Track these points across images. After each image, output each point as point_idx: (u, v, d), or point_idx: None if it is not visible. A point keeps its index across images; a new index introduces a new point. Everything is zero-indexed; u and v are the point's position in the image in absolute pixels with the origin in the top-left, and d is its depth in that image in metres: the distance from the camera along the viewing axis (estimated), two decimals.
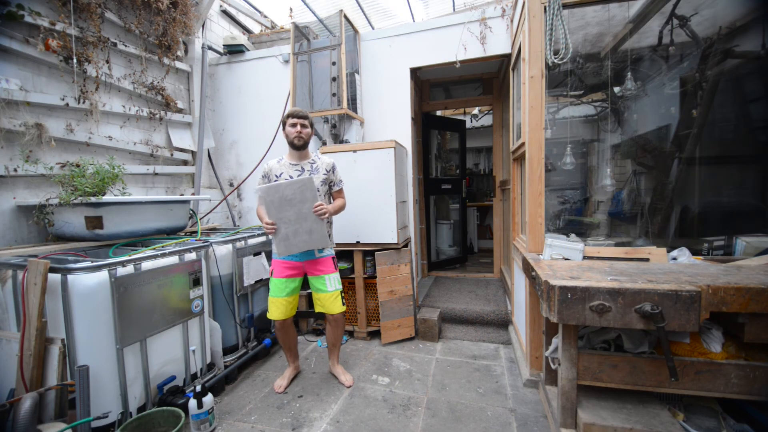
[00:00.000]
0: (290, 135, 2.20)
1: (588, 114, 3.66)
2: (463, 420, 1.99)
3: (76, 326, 1.70)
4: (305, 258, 2.26)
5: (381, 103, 3.50)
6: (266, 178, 2.25)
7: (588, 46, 3.00)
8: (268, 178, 2.24)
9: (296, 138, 2.19)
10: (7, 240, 2.19)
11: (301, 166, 2.24)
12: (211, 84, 3.95)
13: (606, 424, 1.52)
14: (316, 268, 2.27)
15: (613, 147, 3.36)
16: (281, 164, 2.25)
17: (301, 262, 2.27)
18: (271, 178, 2.23)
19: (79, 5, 2.51)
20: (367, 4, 4.30)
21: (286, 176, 2.21)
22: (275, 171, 2.23)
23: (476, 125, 6.78)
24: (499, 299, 3.46)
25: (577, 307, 1.46)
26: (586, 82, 3.23)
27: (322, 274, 2.27)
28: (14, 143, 2.23)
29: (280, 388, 2.33)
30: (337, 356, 2.50)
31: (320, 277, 2.27)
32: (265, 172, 2.25)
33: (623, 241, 2.74)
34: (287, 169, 2.23)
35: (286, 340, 2.41)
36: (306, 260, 2.27)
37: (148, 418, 1.79)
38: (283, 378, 2.41)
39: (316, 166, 2.26)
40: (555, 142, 3.20)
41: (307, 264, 2.28)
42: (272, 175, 2.23)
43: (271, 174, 2.24)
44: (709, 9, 2.49)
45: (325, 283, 2.27)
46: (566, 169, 3.04)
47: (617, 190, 3.23)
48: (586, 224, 3.36)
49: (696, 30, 2.52)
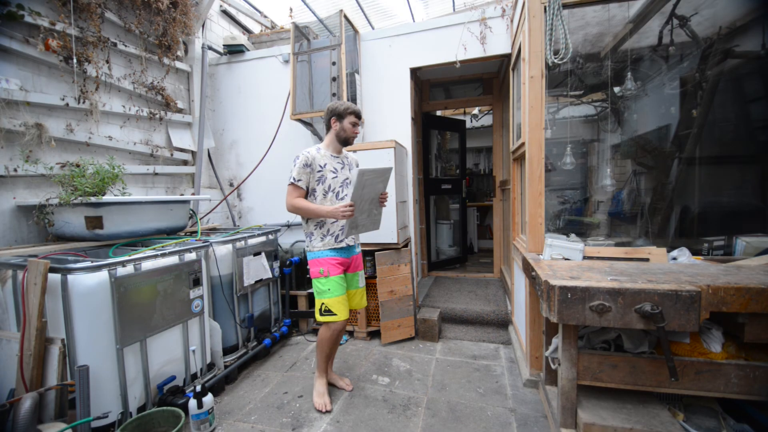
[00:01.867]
0: (348, 131, 2.14)
1: (588, 114, 3.66)
2: (463, 420, 1.99)
3: (76, 326, 1.70)
4: (352, 254, 2.24)
5: (381, 103, 3.50)
6: (309, 167, 2.07)
7: (588, 46, 3.00)
8: (311, 167, 2.08)
9: (353, 137, 2.18)
10: (7, 240, 2.19)
11: (341, 159, 2.21)
12: (211, 84, 3.95)
13: (606, 424, 1.52)
14: (357, 264, 2.30)
15: (613, 147, 3.36)
16: (323, 155, 2.13)
17: (349, 258, 2.22)
18: (314, 167, 2.09)
19: (79, 5, 2.51)
20: (367, 4, 4.30)
21: (331, 168, 2.13)
22: (319, 161, 2.10)
23: (476, 125, 6.78)
24: (499, 299, 3.46)
25: (577, 307, 1.46)
26: (586, 82, 3.23)
27: (358, 270, 2.32)
28: (14, 143, 2.23)
29: (326, 407, 2.12)
30: (333, 362, 2.45)
31: (357, 273, 2.31)
32: (308, 160, 2.06)
33: (623, 241, 2.74)
34: (330, 161, 2.14)
35: (336, 347, 2.31)
36: (352, 255, 2.25)
37: (148, 418, 1.79)
38: (322, 394, 2.19)
39: (349, 161, 2.27)
40: (555, 142, 3.20)
41: (352, 260, 2.25)
42: (316, 165, 2.09)
43: (315, 164, 2.09)
44: (709, 9, 2.49)
45: (359, 279, 2.32)
46: (566, 169, 3.04)
47: (617, 190, 3.23)
48: (586, 224, 3.36)
49: (696, 30, 2.52)
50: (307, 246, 2.18)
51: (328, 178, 2.12)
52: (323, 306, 2.11)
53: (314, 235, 2.14)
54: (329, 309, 2.12)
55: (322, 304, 2.11)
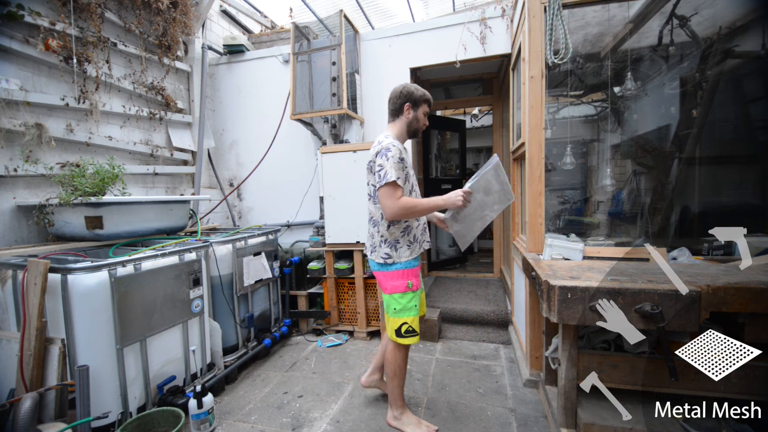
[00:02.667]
0: (421, 122, 1.86)
1: (588, 114, 3.67)
2: (463, 420, 1.99)
3: (76, 326, 1.70)
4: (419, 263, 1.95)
5: (381, 103, 3.50)
6: (402, 162, 1.75)
7: (588, 46, 3.00)
8: (404, 163, 1.77)
9: (422, 129, 1.92)
10: (7, 240, 2.19)
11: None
12: (211, 84, 3.95)
13: (606, 424, 1.52)
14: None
15: (613, 147, 3.36)
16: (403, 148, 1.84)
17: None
18: (406, 162, 1.79)
19: (79, 5, 2.51)
20: (367, 4, 4.30)
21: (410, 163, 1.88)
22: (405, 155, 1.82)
23: (476, 125, 6.78)
24: (499, 299, 3.46)
25: (577, 307, 1.46)
26: (586, 82, 3.23)
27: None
28: (14, 143, 2.23)
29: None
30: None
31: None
32: (401, 154, 1.74)
33: (623, 241, 2.74)
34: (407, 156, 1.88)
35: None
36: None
37: (148, 418, 1.79)
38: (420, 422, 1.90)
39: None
40: (555, 142, 3.20)
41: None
42: (406, 160, 1.81)
43: (406, 158, 1.80)
44: (709, 9, 2.49)
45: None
46: (566, 169, 3.04)
47: (617, 190, 3.23)
48: (586, 224, 3.36)
49: (696, 30, 2.52)
50: (386, 258, 1.80)
51: (411, 175, 1.82)
52: (405, 326, 1.78)
53: (400, 244, 1.80)
54: (413, 329, 1.81)
55: (404, 323, 1.78)
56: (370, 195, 1.86)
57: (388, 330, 1.86)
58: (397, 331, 1.80)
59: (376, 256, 1.83)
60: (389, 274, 1.81)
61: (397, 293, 1.80)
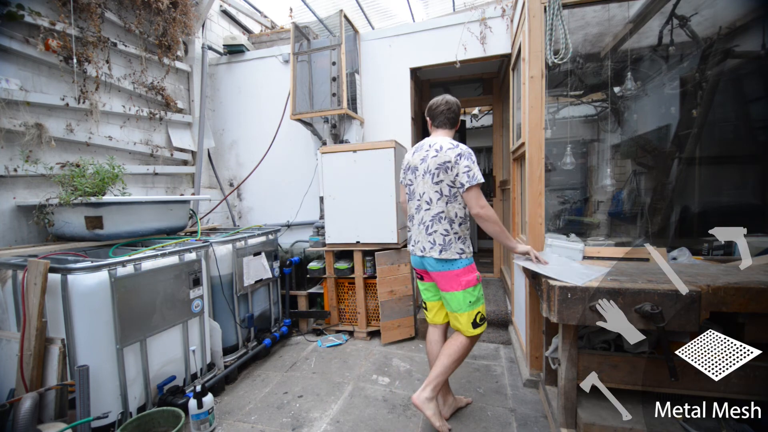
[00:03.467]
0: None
1: (588, 114, 3.66)
2: (463, 420, 1.99)
3: (76, 326, 1.70)
4: None
5: (381, 103, 3.50)
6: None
7: (588, 46, 3.00)
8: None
9: None
10: (7, 240, 2.19)
11: None
12: (211, 84, 3.95)
13: (606, 424, 1.52)
14: None
15: (613, 147, 3.36)
16: None
17: None
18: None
19: (79, 5, 2.51)
20: (367, 4, 4.30)
21: None
22: None
23: (476, 125, 6.79)
24: (499, 299, 3.46)
25: (577, 307, 1.46)
26: (586, 82, 3.23)
27: None
28: (14, 143, 2.23)
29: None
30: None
31: None
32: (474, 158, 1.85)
33: (623, 241, 2.74)
34: None
35: None
36: None
37: (148, 418, 1.79)
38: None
39: None
40: (555, 142, 3.21)
41: None
42: None
43: None
44: (709, 9, 2.49)
45: None
46: (566, 169, 3.05)
47: (617, 190, 3.23)
48: (586, 224, 3.36)
49: (696, 30, 2.52)
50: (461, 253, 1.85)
51: None
52: (479, 315, 1.87)
53: (467, 240, 1.88)
54: (484, 316, 1.90)
55: (479, 313, 1.87)
56: (441, 193, 1.84)
57: (463, 324, 1.87)
58: (474, 323, 1.86)
59: (451, 252, 1.84)
60: (462, 271, 1.85)
61: (471, 286, 1.86)
